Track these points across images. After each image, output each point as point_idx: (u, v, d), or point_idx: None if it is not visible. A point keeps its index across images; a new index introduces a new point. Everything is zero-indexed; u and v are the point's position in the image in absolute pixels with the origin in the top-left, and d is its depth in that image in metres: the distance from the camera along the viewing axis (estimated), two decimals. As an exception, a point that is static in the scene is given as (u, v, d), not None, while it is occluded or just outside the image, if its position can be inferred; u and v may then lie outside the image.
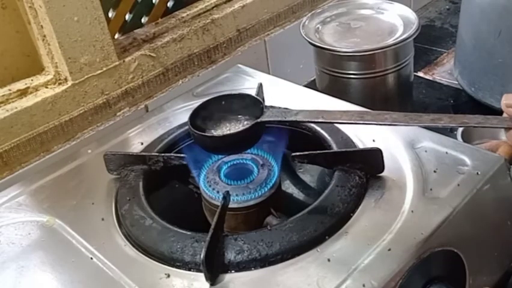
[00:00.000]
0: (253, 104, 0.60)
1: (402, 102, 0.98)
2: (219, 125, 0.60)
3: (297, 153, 0.61)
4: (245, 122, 0.60)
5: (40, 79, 0.78)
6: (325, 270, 0.50)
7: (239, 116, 0.61)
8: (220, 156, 0.63)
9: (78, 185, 0.67)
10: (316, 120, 0.56)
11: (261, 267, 0.51)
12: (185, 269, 0.52)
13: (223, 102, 0.61)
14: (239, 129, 0.58)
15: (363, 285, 0.48)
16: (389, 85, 0.93)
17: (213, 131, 0.60)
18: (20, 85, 0.76)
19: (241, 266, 0.51)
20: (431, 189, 0.57)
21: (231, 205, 0.58)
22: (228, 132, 0.59)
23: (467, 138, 0.86)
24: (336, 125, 0.69)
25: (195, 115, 0.59)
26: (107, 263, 0.54)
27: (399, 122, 0.51)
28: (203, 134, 0.58)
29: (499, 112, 0.91)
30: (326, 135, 0.67)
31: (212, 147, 0.59)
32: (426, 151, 0.63)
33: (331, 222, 0.54)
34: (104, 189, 0.65)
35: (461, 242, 0.55)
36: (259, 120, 0.56)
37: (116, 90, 0.84)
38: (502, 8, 0.89)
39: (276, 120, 0.56)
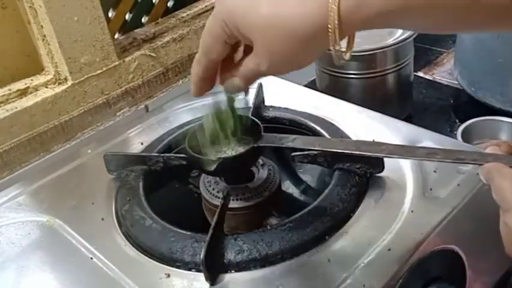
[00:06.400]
0: (252, 126, 0.59)
1: (402, 102, 0.98)
2: (215, 147, 0.59)
3: (297, 153, 0.61)
4: (242, 146, 0.58)
5: (40, 79, 0.78)
6: (325, 270, 0.50)
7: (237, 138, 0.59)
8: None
9: (78, 185, 0.67)
10: (312, 148, 0.56)
11: (261, 267, 0.51)
12: (185, 269, 0.52)
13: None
14: (234, 154, 0.57)
15: (363, 285, 0.48)
16: (389, 85, 0.93)
17: (209, 153, 0.58)
18: (20, 85, 0.76)
19: (241, 266, 0.51)
20: (431, 189, 0.57)
21: (231, 205, 0.58)
22: (224, 155, 0.57)
23: (467, 138, 0.86)
24: (336, 124, 0.69)
25: (193, 135, 0.58)
26: (107, 263, 0.54)
27: (395, 154, 0.51)
28: (198, 156, 0.56)
29: (499, 112, 0.92)
30: (326, 135, 0.67)
31: (207, 170, 0.58)
32: (426, 151, 0.63)
33: (331, 222, 0.54)
34: (104, 189, 0.65)
35: (461, 241, 0.55)
36: (255, 145, 0.56)
37: (116, 90, 0.84)
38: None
39: (273, 146, 0.57)
